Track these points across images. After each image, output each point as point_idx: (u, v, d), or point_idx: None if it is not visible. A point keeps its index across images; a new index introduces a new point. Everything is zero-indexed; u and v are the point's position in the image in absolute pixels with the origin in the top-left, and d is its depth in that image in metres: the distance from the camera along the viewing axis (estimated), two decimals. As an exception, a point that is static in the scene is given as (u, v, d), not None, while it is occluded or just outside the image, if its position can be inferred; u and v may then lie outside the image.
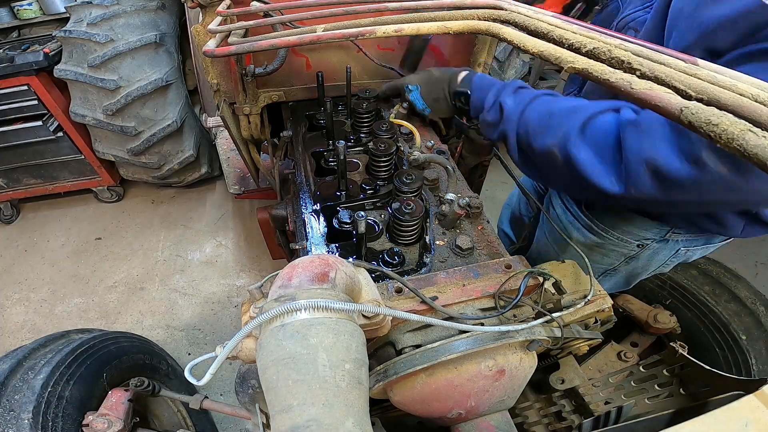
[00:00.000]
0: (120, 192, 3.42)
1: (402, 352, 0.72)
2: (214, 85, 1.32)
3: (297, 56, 1.40)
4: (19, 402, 1.11)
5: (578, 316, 0.80)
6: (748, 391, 0.40)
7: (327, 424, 0.44)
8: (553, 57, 0.50)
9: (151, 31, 2.64)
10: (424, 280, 0.82)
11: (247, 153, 1.70)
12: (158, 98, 2.70)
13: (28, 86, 2.61)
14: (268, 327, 0.52)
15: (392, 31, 0.62)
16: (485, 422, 0.74)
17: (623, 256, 1.17)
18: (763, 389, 0.40)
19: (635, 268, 1.21)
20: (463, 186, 1.15)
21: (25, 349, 1.30)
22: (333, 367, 0.49)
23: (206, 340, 2.46)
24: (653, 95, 0.40)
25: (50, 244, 3.10)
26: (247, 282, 2.78)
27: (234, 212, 3.32)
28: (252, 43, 0.70)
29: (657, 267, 1.19)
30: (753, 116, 0.34)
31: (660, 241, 1.08)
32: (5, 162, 2.94)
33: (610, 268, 1.24)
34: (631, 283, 1.31)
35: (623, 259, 1.18)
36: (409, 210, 0.96)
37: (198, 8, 1.13)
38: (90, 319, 2.59)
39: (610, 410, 0.90)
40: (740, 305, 1.48)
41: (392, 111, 1.33)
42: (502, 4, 0.63)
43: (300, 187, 1.21)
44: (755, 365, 1.38)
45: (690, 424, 0.38)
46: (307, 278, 0.58)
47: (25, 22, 3.08)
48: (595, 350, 1.35)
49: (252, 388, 0.80)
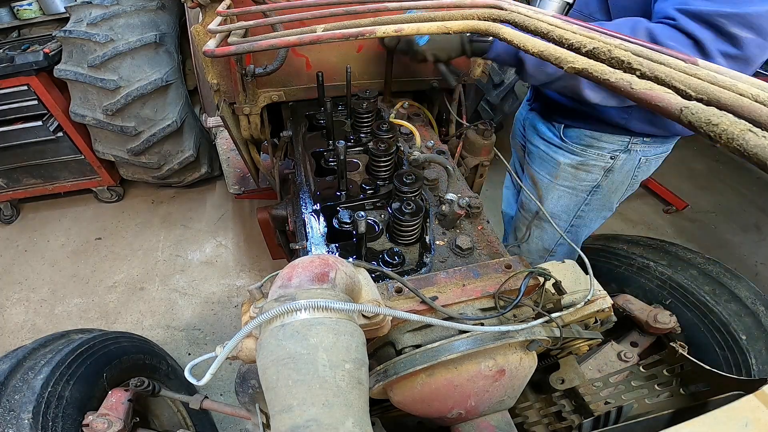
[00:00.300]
0: (120, 192, 3.42)
1: (402, 352, 0.72)
2: (214, 85, 1.32)
3: (297, 56, 1.40)
4: (19, 402, 1.11)
5: (578, 316, 0.80)
6: (748, 391, 0.40)
7: (327, 424, 0.44)
8: (553, 57, 0.50)
9: (150, 31, 2.64)
10: (424, 280, 0.82)
11: (247, 153, 1.70)
12: (158, 98, 2.70)
13: (28, 86, 2.61)
14: (268, 327, 0.52)
15: (392, 31, 0.62)
16: (485, 422, 0.74)
17: (602, 170, 1.42)
18: (763, 389, 0.40)
19: (613, 182, 1.45)
20: (463, 186, 1.15)
21: (25, 349, 1.30)
22: (333, 367, 0.49)
23: (206, 340, 2.46)
24: (653, 95, 0.40)
25: (50, 244, 3.10)
26: (247, 282, 2.78)
27: (234, 212, 3.32)
28: (252, 43, 0.70)
29: (628, 181, 1.45)
30: (753, 116, 0.34)
31: (624, 152, 1.35)
32: (5, 162, 2.94)
33: (595, 185, 1.48)
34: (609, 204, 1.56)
35: (602, 173, 1.43)
36: (409, 210, 0.96)
37: (198, 8, 1.13)
38: (90, 319, 2.59)
39: (610, 410, 0.90)
40: (740, 305, 1.48)
41: (392, 111, 1.33)
42: (502, 3, 0.63)
43: (300, 187, 1.21)
44: (755, 365, 1.38)
45: (690, 424, 0.38)
46: (307, 278, 0.58)
47: (25, 22, 3.08)
48: (595, 350, 1.35)
49: (252, 388, 0.80)
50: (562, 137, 1.45)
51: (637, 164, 1.40)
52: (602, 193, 1.51)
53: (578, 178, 1.48)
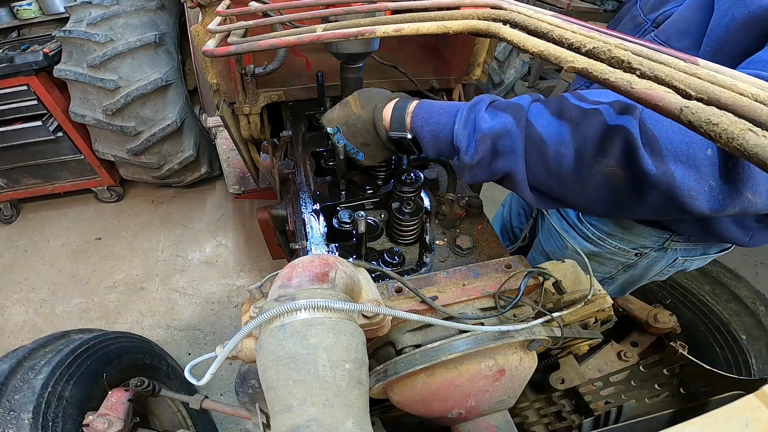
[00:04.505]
0: (120, 192, 3.42)
1: (402, 352, 0.72)
2: (213, 85, 1.32)
3: (297, 56, 1.40)
4: (20, 402, 1.12)
5: (578, 316, 0.80)
6: (748, 391, 0.40)
7: (327, 424, 0.44)
8: (553, 57, 0.50)
9: (150, 31, 2.64)
10: (424, 280, 0.82)
11: (247, 153, 1.70)
12: (158, 98, 2.70)
13: (28, 86, 2.61)
14: (268, 327, 0.52)
15: (392, 31, 0.62)
16: (485, 422, 0.74)
17: (621, 265, 1.15)
18: (763, 389, 0.40)
19: (632, 276, 1.19)
20: (463, 186, 1.15)
21: (26, 349, 1.30)
22: (333, 367, 0.49)
23: (206, 340, 2.46)
24: (653, 95, 0.40)
25: (50, 244, 3.10)
26: (247, 282, 2.78)
27: (234, 212, 3.32)
28: (252, 43, 0.70)
29: (653, 276, 1.17)
30: (753, 116, 0.34)
31: (658, 250, 1.05)
32: (5, 162, 2.94)
33: (607, 277, 1.21)
34: (626, 291, 1.29)
35: (621, 267, 1.15)
36: (409, 210, 0.96)
37: (198, 8, 1.13)
38: (90, 319, 2.59)
39: (610, 410, 0.90)
40: (740, 305, 1.48)
41: None
42: (502, 3, 0.63)
43: (300, 187, 1.21)
44: (755, 365, 1.38)
45: (690, 424, 0.38)
46: (307, 278, 0.58)
47: (24, 22, 3.08)
48: (595, 350, 1.35)
49: (252, 388, 0.80)
50: (579, 215, 1.13)
51: (671, 263, 1.08)
52: (616, 284, 1.25)
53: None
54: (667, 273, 1.14)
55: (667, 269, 1.12)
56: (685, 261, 1.08)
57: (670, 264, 1.09)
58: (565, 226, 1.20)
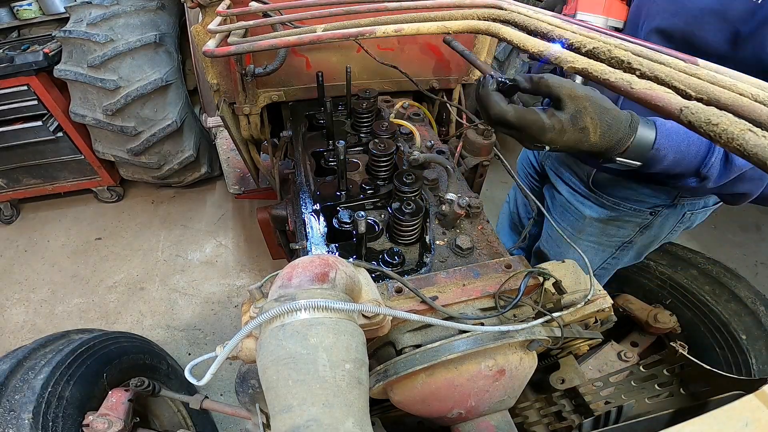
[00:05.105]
0: (120, 192, 3.42)
1: (402, 352, 0.72)
2: (213, 85, 1.32)
3: (297, 56, 1.40)
4: (20, 402, 1.12)
5: (578, 316, 0.79)
6: (748, 391, 0.40)
7: (327, 424, 0.44)
8: (553, 57, 0.50)
9: (150, 31, 2.64)
10: (424, 280, 0.82)
11: (247, 153, 1.70)
12: (158, 98, 2.70)
13: (28, 86, 2.61)
14: (268, 327, 0.52)
15: (392, 31, 0.62)
16: (485, 422, 0.74)
17: (638, 227, 1.20)
18: (763, 389, 0.39)
19: (648, 237, 1.24)
20: (463, 186, 1.15)
21: (26, 349, 1.30)
22: (333, 367, 0.49)
23: (206, 340, 2.46)
24: (653, 95, 0.40)
25: (50, 244, 3.10)
26: (247, 282, 2.78)
27: (234, 212, 3.32)
28: (252, 43, 0.70)
29: (666, 235, 1.23)
30: (753, 116, 0.34)
31: (669, 206, 1.12)
32: (5, 162, 2.94)
33: (626, 241, 1.26)
34: (642, 255, 1.35)
35: (638, 229, 1.21)
36: (409, 210, 0.96)
37: (198, 8, 1.13)
38: (90, 319, 2.59)
39: (610, 410, 0.90)
40: (740, 305, 1.48)
41: (392, 111, 1.33)
42: (502, 3, 0.63)
43: (300, 187, 1.21)
44: (755, 365, 1.38)
45: (690, 424, 0.38)
46: (307, 278, 0.58)
47: (24, 22, 3.08)
48: (595, 350, 1.35)
49: (252, 388, 0.80)
50: (590, 185, 1.19)
51: (680, 218, 1.17)
52: (634, 248, 1.30)
53: (607, 234, 1.26)
54: (678, 230, 1.22)
55: (677, 226, 1.20)
56: (692, 215, 1.16)
57: (680, 219, 1.17)
58: (579, 198, 1.26)
